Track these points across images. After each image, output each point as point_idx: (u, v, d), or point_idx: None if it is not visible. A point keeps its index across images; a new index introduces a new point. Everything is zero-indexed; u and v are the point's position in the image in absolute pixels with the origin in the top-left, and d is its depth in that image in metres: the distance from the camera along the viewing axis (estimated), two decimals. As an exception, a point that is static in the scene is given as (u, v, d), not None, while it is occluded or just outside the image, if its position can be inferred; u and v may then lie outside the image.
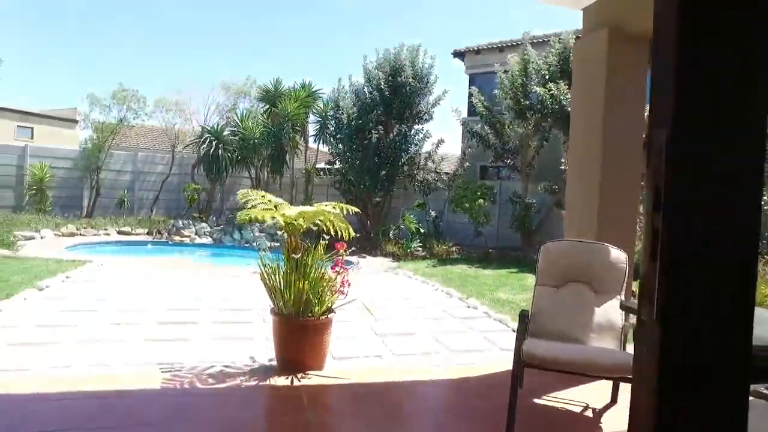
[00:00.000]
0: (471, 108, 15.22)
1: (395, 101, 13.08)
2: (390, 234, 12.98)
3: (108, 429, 2.88)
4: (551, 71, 11.53)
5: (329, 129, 14.35)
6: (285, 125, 14.78)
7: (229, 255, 12.16)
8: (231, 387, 3.55)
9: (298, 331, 3.92)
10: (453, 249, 12.35)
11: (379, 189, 13.44)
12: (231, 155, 15.57)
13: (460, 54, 18.08)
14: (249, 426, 3.11)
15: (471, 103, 14.42)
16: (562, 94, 10.81)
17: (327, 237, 4.11)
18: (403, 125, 13.36)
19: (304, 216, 4.07)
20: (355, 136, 13.20)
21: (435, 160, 14.05)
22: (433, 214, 13.63)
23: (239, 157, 15.62)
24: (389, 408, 3.43)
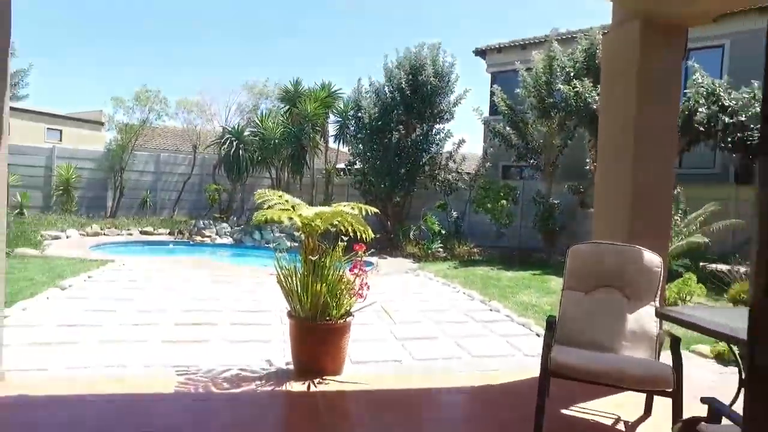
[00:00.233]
0: (493, 107, 14.99)
1: (416, 100, 12.93)
2: (410, 234, 12.84)
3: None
4: (577, 68, 11.26)
5: (349, 129, 14.29)
6: (305, 125, 14.76)
7: (250, 255, 12.17)
8: (246, 392, 3.46)
9: (315, 336, 3.81)
10: (474, 250, 12.15)
11: (400, 189, 13.30)
12: (252, 156, 15.62)
13: (481, 52, 17.85)
14: (264, 433, 3.02)
15: (493, 102, 14.20)
16: (587, 91, 10.53)
17: (345, 238, 3.99)
18: (424, 125, 13.20)
19: (321, 217, 3.96)
20: (376, 136, 13.10)
21: (456, 159, 13.83)
22: (455, 214, 13.43)
23: (260, 158, 15.64)
24: (408, 417, 3.30)
